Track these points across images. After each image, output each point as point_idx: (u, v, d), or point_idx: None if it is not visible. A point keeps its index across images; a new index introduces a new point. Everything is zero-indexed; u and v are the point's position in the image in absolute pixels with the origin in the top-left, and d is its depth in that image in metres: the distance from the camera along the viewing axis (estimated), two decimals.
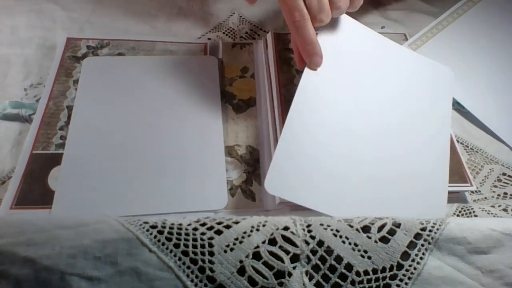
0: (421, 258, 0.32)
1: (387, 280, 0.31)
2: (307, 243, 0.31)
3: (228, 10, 0.61)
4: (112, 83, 0.49)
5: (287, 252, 0.31)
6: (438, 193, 0.38)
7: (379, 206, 0.36)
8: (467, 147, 0.48)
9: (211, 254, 0.30)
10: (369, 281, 0.31)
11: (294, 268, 0.30)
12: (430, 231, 0.32)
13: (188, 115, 0.46)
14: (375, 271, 0.31)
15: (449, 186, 0.41)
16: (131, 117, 0.46)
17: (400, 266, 0.31)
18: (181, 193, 0.41)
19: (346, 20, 0.45)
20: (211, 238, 0.30)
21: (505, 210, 0.40)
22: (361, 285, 0.30)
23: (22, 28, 0.55)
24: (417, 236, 0.32)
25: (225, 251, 0.30)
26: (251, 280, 0.30)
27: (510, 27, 0.58)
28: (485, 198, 0.44)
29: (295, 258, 0.31)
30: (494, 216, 0.39)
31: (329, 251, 0.31)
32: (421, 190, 0.37)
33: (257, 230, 0.31)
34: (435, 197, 0.37)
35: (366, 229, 0.32)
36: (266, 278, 0.30)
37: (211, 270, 0.29)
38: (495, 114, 0.50)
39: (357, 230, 0.32)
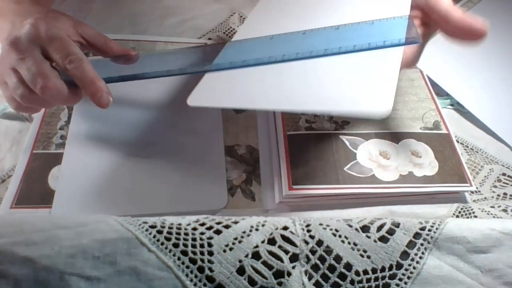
0: (420, 258, 0.32)
1: (387, 280, 0.31)
2: (307, 242, 0.31)
3: (228, 10, 0.61)
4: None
5: (287, 252, 0.31)
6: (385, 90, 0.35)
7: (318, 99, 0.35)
8: (467, 147, 0.48)
9: (210, 253, 0.30)
10: (368, 280, 0.31)
11: (293, 267, 0.30)
12: (429, 230, 0.32)
13: (188, 115, 0.46)
14: (374, 270, 0.31)
15: (448, 186, 0.41)
16: (131, 116, 0.46)
17: (399, 266, 0.31)
18: (181, 193, 0.41)
19: None
20: (210, 238, 0.30)
21: (504, 210, 0.40)
22: (360, 285, 0.30)
23: None
24: (417, 235, 0.32)
25: (224, 251, 0.30)
26: (251, 280, 0.29)
27: (510, 27, 0.58)
28: (485, 198, 0.44)
29: (294, 258, 0.31)
30: (493, 217, 0.39)
31: (329, 250, 0.31)
32: (367, 85, 0.35)
33: (257, 230, 0.31)
34: (382, 94, 0.34)
35: (365, 228, 0.32)
36: (266, 278, 0.30)
37: (210, 269, 0.29)
38: (495, 114, 0.50)
39: (356, 229, 0.32)
